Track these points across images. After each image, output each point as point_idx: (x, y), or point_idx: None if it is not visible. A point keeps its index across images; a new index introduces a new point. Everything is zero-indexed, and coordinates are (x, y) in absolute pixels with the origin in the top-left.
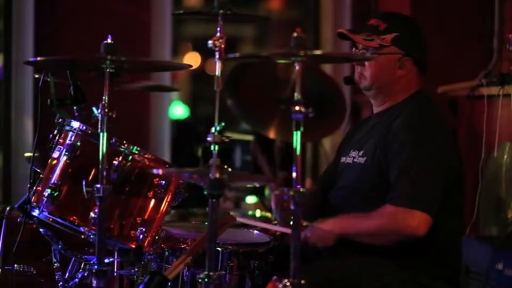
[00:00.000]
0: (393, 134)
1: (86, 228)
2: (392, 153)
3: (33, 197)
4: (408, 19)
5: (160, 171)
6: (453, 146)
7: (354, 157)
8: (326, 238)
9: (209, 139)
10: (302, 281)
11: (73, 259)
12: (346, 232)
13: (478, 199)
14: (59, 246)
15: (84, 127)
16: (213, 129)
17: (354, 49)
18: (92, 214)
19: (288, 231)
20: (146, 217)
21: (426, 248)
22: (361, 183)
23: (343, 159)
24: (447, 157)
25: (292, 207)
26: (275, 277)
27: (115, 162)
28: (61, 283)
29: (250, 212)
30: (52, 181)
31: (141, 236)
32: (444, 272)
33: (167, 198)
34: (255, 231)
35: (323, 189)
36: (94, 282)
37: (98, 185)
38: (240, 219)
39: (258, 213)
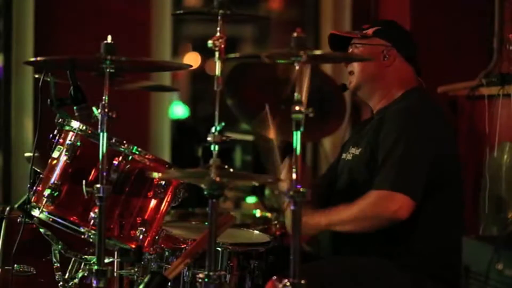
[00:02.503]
0: (385, 119)
1: (86, 228)
2: (382, 136)
3: (33, 197)
4: (394, 21)
5: (159, 175)
6: (447, 135)
7: (353, 153)
8: (312, 230)
9: (209, 139)
10: (302, 281)
11: (73, 259)
12: (332, 222)
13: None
14: (59, 246)
15: (84, 127)
16: (213, 129)
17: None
18: (92, 214)
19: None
20: (146, 217)
21: (424, 247)
22: (357, 174)
23: (343, 156)
24: (437, 144)
25: (292, 207)
26: (275, 277)
27: (115, 162)
28: (61, 283)
29: (253, 212)
30: (52, 181)
31: (141, 236)
32: (443, 273)
33: (167, 198)
34: (255, 231)
35: (326, 185)
36: (94, 282)
37: (98, 185)
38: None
39: (258, 213)
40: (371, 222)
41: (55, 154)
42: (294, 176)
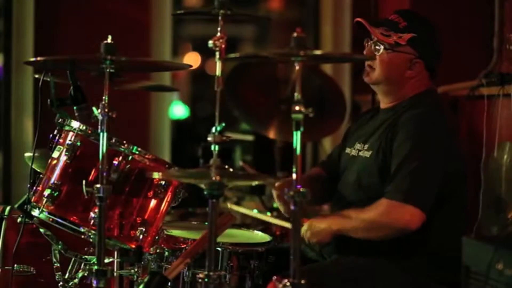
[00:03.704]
0: (399, 127)
1: (86, 228)
2: (396, 144)
3: (33, 197)
4: (429, 23)
5: (159, 175)
6: (456, 147)
7: (359, 150)
8: (323, 235)
9: (209, 139)
10: (302, 281)
11: (73, 259)
12: (343, 228)
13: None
14: (59, 246)
15: (84, 127)
16: (213, 129)
17: (367, 41)
18: (92, 214)
19: (286, 225)
20: (146, 217)
21: (426, 249)
22: (368, 177)
23: (348, 150)
24: (448, 157)
25: (292, 207)
26: (275, 277)
27: (115, 162)
28: (61, 283)
29: (255, 212)
30: (52, 181)
31: (141, 236)
32: (444, 275)
33: (167, 198)
34: (255, 231)
35: (327, 172)
36: (94, 282)
37: (98, 185)
38: (235, 208)
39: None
40: (382, 231)
41: (55, 154)
42: (294, 176)
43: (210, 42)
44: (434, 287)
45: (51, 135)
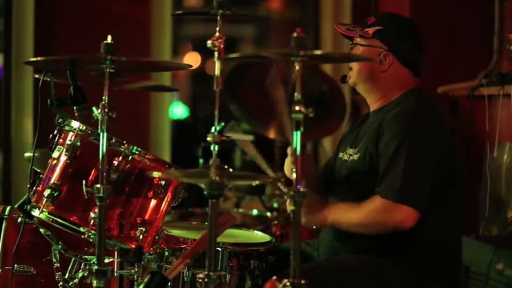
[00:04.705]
0: (385, 125)
1: (86, 228)
2: (382, 143)
3: (33, 197)
4: (401, 17)
5: (159, 174)
6: (447, 141)
7: (350, 155)
8: (317, 223)
9: (209, 139)
10: (302, 281)
11: (73, 259)
12: (338, 221)
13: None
14: (59, 246)
15: (84, 127)
16: (213, 129)
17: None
18: (92, 214)
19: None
20: (146, 217)
21: (423, 247)
22: (356, 179)
23: (340, 155)
24: (439, 151)
25: (292, 207)
26: (274, 277)
27: (115, 162)
28: (61, 283)
29: (255, 212)
30: (52, 181)
31: (141, 236)
32: (441, 273)
33: (167, 198)
34: (256, 231)
35: (324, 178)
36: (94, 282)
37: (98, 185)
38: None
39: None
40: (376, 228)
41: (55, 154)
42: (294, 176)
43: (209, 42)
44: (431, 284)
45: (51, 135)
